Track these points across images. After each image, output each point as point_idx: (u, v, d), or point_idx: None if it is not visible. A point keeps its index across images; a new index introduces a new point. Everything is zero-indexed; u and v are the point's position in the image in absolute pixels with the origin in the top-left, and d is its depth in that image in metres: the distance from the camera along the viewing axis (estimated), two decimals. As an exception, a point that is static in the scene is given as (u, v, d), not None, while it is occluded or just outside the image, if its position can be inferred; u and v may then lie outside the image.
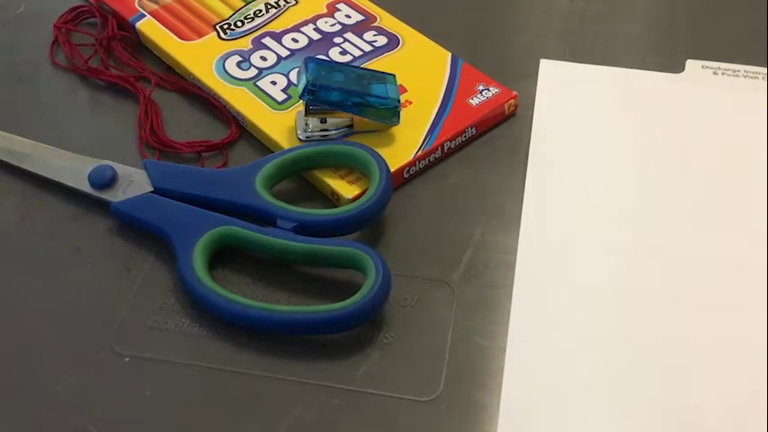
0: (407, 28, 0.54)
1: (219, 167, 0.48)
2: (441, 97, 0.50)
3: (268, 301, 0.42)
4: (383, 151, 0.46)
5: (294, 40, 0.53)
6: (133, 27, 0.55)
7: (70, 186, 0.46)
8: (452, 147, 0.48)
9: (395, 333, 0.41)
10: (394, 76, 0.48)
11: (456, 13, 0.57)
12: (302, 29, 0.54)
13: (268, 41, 0.53)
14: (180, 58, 0.53)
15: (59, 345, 0.41)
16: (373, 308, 0.40)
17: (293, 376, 0.39)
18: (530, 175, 0.47)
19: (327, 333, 0.41)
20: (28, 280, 0.43)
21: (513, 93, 0.50)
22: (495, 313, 0.41)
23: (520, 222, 0.45)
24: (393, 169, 0.45)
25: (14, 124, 0.50)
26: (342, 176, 0.46)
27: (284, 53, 0.53)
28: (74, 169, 0.47)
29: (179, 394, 0.39)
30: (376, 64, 0.52)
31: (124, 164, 0.47)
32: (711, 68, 0.52)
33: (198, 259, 0.42)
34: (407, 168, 0.47)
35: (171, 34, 0.54)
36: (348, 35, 0.54)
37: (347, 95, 0.46)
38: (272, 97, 0.50)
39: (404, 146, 0.47)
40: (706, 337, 0.40)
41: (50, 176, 0.47)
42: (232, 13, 0.55)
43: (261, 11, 0.55)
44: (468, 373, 0.39)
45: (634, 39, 0.55)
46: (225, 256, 0.43)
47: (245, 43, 0.53)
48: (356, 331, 0.41)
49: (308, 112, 0.47)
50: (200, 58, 0.52)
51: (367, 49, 0.53)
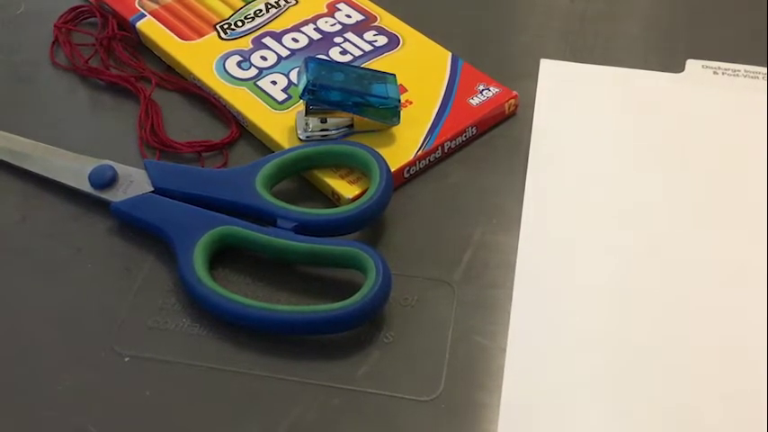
0: (408, 28, 0.54)
1: (220, 167, 0.48)
2: (441, 97, 0.50)
3: (268, 300, 0.42)
4: (383, 151, 0.46)
5: (294, 39, 0.53)
6: (133, 27, 0.55)
7: (71, 186, 0.46)
8: (452, 147, 0.48)
9: (395, 333, 0.41)
10: (394, 75, 0.48)
11: (456, 12, 0.57)
12: (302, 29, 0.54)
13: (268, 41, 0.53)
14: (180, 57, 0.53)
15: (59, 345, 0.41)
16: (373, 308, 0.40)
17: (293, 376, 0.39)
18: (530, 175, 0.47)
19: (327, 333, 0.41)
20: (28, 280, 0.43)
21: (514, 93, 0.50)
22: (495, 313, 0.41)
23: (520, 222, 0.45)
24: (393, 169, 0.45)
25: (15, 124, 0.50)
26: (342, 176, 0.46)
27: (284, 53, 0.53)
28: (74, 169, 0.47)
29: (179, 394, 0.39)
30: (376, 64, 0.52)
31: (124, 164, 0.47)
32: (711, 68, 0.52)
33: (198, 259, 0.42)
34: (408, 168, 0.47)
35: (171, 34, 0.54)
36: (348, 35, 0.54)
37: (347, 95, 0.46)
38: (272, 97, 0.50)
39: (404, 146, 0.47)
40: (706, 337, 0.40)
41: (51, 176, 0.47)
42: (232, 12, 0.55)
43: (261, 11, 0.55)
44: (469, 372, 0.39)
45: (634, 39, 0.55)
46: (225, 255, 0.43)
47: (245, 43, 0.53)
48: (356, 331, 0.41)
49: (308, 111, 0.47)
50: (200, 57, 0.52)
51: (367, 48, 0.53)
